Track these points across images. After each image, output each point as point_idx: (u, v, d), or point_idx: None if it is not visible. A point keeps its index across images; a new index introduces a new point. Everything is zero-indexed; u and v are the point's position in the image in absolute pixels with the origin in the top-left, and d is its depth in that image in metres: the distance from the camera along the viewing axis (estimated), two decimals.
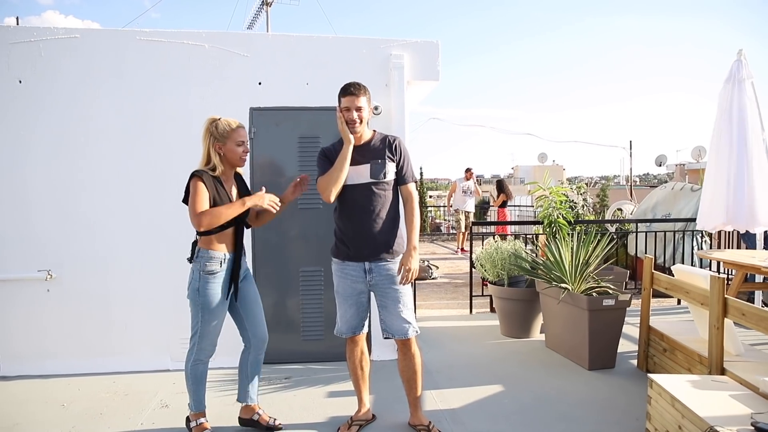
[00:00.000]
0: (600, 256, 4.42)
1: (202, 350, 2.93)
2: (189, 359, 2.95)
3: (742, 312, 2.98)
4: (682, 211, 8.04)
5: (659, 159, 19.89)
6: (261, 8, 18.63)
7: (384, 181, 2.91)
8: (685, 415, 2.55)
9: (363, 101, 2.86)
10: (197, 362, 2.94)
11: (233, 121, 2.89)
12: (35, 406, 3.49)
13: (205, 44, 4.06)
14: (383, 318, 2.98)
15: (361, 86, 2.88)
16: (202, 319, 2.87)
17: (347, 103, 2.85)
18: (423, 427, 3.05)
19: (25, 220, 3.97)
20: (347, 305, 2.99)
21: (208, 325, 2.89)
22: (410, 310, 2.99)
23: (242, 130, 2.91)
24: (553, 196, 5.36)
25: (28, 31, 3.93)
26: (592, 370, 4.03)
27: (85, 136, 4.00)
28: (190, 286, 2.87)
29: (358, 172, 2.88)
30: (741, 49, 4.98)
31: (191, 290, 2.87)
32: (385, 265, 2.93)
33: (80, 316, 4.04)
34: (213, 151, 2.85)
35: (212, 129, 2.85)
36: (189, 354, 2.95)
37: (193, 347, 2.93)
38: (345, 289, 2.97)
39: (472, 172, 12.18)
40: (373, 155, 2.92)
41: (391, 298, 2.93)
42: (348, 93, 2.85)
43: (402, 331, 2.95)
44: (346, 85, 2.89)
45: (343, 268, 2.97)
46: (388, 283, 2.92)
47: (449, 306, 6.67)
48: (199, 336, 2.89)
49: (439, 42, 4.32)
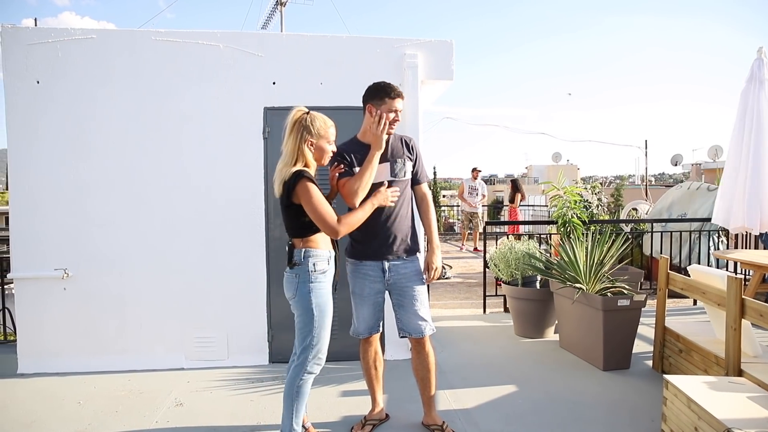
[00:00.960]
0: (615, 256, 4.38)
1: (318, 360, 2.70)
2: (298, 374, 2.66)
3: (760, 313, 2.94)
4: (698, 211, 7.94)
5: (675, 158, 19.68)
6: (275, 8, 18.74)
7: (403, 179, 2.92)
8: (701, 416, 2.52)
9: (402, 104, 2.88)
10: (309, 375, 2.69)
11: (328, 119, 2.74)
12: (52, 403, 3.53)
13: (220, 44, 4.09)
14: (399, 317, 2.98)
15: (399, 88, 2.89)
16: (319, 324, 2.64)
17: (392, 105, 2.82)
18: (437, 427, 3.05)
19: (42, 220, 4.03)
20: (365, 306, 2.98)
21: (324, 329, 2.68)
22: (427, 309, 2.99)
23: (334, 128, 2.76)
24: (567, 195, 5.32)
25: (46, 32, 3.98)
26: (606, 370, 4.00)
27: (102, 135, 4.04)
28: (298, 291, 2.63)
29: (379, 171, 2.87)
30: (761, 47, 4.92)
31: (300, 296, 2.63)
32: (404, 263, 2.93)
33: (96, 314, 4.09)
34: (305, 147, 2.63)
35: (307, 122, 2.63)
36: (298, 368, 2.67)
37: (307, 359, 2.66)
38: (362, 289, 2.96)
39: (478, 171, 12.01)
40: (393, 154, 2.92)
41: (408, 296, 2.93)
42: (397, 95, 2.83)
43: (418, 330, 2.95)
44: (387, 86, 2.84)
45: (360, 268, 2.96)
46: (406, 281, 2.92)
47: (463, 306, 6.65)
48: (315, 343, 2.66)
49: (453, 41, 4.31)
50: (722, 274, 3.36)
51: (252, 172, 4.14)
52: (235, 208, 4.14)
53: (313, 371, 2.69)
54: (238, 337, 4.19)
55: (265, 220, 4.15)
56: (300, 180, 2.54)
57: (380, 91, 2.83)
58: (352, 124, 2.94)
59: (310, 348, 2.66)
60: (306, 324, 2.65)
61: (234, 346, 4.19)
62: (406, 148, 2.96)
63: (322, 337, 2.68)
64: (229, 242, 4.14)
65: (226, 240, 4.14)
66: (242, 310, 4.17)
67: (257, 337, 4.19)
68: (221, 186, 4.13)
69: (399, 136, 3.01)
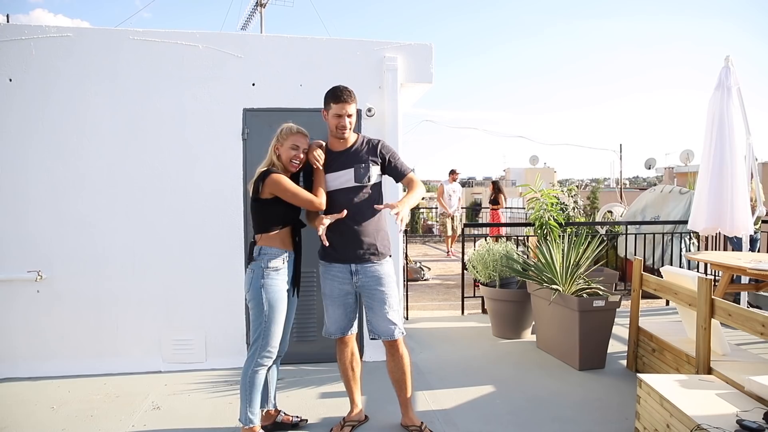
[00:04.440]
0: (590, 258, 4.46)
1: (268, 353, 2.85)
2: (249, 366, 2.84)
3: (729, 312, 3.03)
4: (671, 214, 8.12)
5: (648, 162, 20.11)
6: (255, 9, 18.57)
7: (368, 184, 2.94)
8: (673, 413, 2.59)
9: (353, 107, 2.88)
10: (259, 367, 2.84)
11: (296, 127, 2.93)
12: (25, 409, 3.46)
13: (199, 44, 4.06)
14: (369, 319, 3.02)
15: (351, 91, 2.89)
16: (268, 318, 2.81)
17: (338, 110, 2.84)
18: (415, 428, 3.07)
19: (15, 221, 3.94)
20: (334, 306, 3.02)
21: (274, 323, 2.83)
22: (396, 312, 3.01)
23: (301, 137, 2.91)
24: (544, 198, 5.40)
25: (19, 29, 3.91)
26: (582, 370, 4.07)
27: (78, 135, 3.98)
28: (252, 286, 2.83)
29: (343, 177, 2.91)
30: (728, 55, 5.09)
31: (253, 290, 2.82)
32: (372, 266, 2.94)
33: (70, 317, 4.02)
34: (272, 150, 2.92)
35: (278, 130, 2.94)
36: (249, 360, 2.85)
37: (256, 351, 2.83)
38: (332, 290, 3.00)
39: (457, 173, 11.62)
40: (357, 159, 2.94)
41: (377, 299, 2.95)
42: (340, 99, 2.83)
43: (388, 333, 2.97)
44: (335, 90, 2.87)
45: (330, 270, 3.00)
46: (374, 284, 2.94)
47: (441, 307, 6.70)
48: (264, 337, 2.82)
49: (432, 44, 4.35)
50: (693, 276, 3.45)
51: (230, 173, 4.11)
52: (213, 209, 4.11)
53: (264, 363, 2.85)
54: (217, 339, 4.16)
55: (244, 222, 4.12)
56: (268, 175, 2.81)
57: (328, 94, 2.90)
58: None
59: (260, 341, 2.83)
60: (257, 317, 2.83)
61: (212, 348, 4.16)
62: (371, 153, 2.97)
63: (271, 332, 2.84)
64: (206, 243, 4.10)
65: (203, 241, 4.10)
66: (220, 312, 4.14)
67: (236, 339, 4.16)
68: (199, 187, 4.10)
69: (366, 139, 3.02)
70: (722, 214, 4.97)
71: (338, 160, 2.93)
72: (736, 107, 5.03)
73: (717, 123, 5.01)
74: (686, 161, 16.21)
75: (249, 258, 2.90)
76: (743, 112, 5.09)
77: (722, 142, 4.97)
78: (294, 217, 2.96)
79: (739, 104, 5.07)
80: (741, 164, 5.01)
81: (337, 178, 2.92)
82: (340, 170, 2.91)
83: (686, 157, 16.23)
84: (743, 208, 4.98)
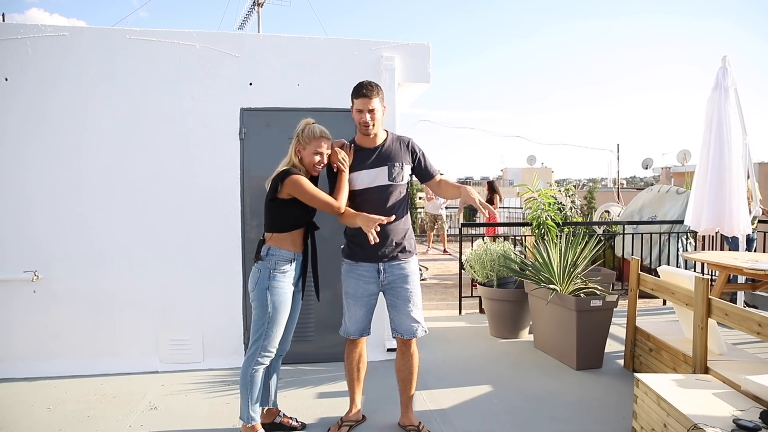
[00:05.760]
0: (588, 258, 4.47)
1: (268, 353, 2.85)
2: (249, 365, 2.84)
3: (726, 312, 3.04)
4: (668, 213, 8.14)
5: (646, 162, 20.15)
6: (252, 9, 18.54)
7: (401, 183, 2.92)
8: (670, 413, 2.60)
9: (376, 102, 2.81)
10: (258, 366, 2.85)
11: (319, 130, 2.85)
12: (21, 409, 3.45)
13: (196, 44, 4.05)
14: (392, 317, 3.00)
15: (374, 86, 2.82)
16: (270, 319, 2.80)
17: (360, 105, 2.79)
18: (413, 428, 3.07)
19: (12, 220, 3.93)
20: (357, 306, 2.99)
21: (276, 325, 2.83)
22: (420, 310, 3.01)
23: (324, 141, 2.83)
24: (541, 198, 5.40)
25: (15, 28, 3.89)
26: (579, 370, 4.07)
27: (74, 135, 3.96)
28: (257, 286, 2.81)
29: (375, 175, 2.87)
30: (725, 55, 5.12)
31: (258, 290, 2.80)
32: (399, 264, 2.94)
33: (67, 317, 4.00)
34: (294, 151, 2.86)
35: (299, 131, 2.86)
36: (249, 359, 2.85)
37: (256, 351, 2.83)
38: (356, 290, 2.97)
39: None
40: (390, 158, 2.90)
41: (402, 297, 2.94)
42: (360, 95, 2.79)
43: (411, 331, 2.97)
44: (358, 85, 2.82)
45: (356, 269, 2.97)
46: (401, 282, 2.93)
47: (439, 307, 6.70)
48: (266, 338, 2.82)
49: (430, 44, 4.35)
50: (690, 275, 3.46)
51: (228, 173, 4.10)
52: (211, 209, 4.10)
53: (263, 362, 2.86)
54: (214, 339, 4.15)
55: (241, 222, 4.12)
56: (288, 176, 2.76)
57: (353, 90, 2.85)
58: (329, 126, 2.94)
59: (260, 341, 2.83)
60: (260, 318, 2.82)
61: (210, 348, 4.15)
62: (405, 151, 2.95)
63: (273, 333, 2.84)
64: (204, 243, 4.09)
65: (201, 241, 4.09)
66: (218, 312, 4.13)
67: (233, 339, 4.15)
68: (197, 187, 4.08)
69: (398, 138, 2.99)
70: (721, 214, 5.00)
71: (369, 158, 2.89)
72: (733, 108, 5.07)
73: (715, 124, 5.04)
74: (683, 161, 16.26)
75: (256, 256, 2.87)
76: (740, 112, 5.12)
77: (721, 142, 5.00)
78: (308, 220, 2.93)
79: (736, 104, 5.10)
80: (739, 164, 5.03)
81: (368, 176, 2.88)
82: (372, 168, 2.87)
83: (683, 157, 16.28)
84: (741, 207, 5.01)
